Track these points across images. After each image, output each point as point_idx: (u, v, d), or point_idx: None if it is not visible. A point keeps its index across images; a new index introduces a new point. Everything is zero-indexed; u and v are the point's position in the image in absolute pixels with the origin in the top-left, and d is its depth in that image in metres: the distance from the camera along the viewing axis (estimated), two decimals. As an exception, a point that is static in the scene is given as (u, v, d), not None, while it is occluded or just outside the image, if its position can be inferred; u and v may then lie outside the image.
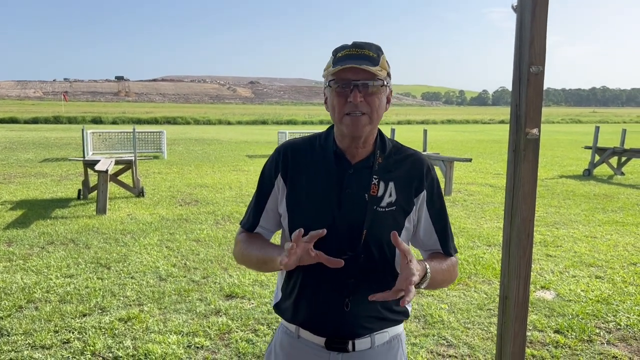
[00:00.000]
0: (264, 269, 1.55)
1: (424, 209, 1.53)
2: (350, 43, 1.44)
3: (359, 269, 1.45)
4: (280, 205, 1.55)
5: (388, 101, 1.49)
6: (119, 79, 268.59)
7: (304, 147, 1.56)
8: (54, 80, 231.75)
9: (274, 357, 1.63)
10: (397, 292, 1.28)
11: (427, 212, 1.54)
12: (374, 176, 1.47)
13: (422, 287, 1.40)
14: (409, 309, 1.61)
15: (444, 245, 1.57)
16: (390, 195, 1.48)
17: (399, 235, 1.43)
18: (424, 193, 1.52)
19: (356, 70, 1.37)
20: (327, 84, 1.43)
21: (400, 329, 1.61)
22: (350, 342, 1.50)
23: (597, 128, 13.37)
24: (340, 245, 1.42)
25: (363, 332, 1.50)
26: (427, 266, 1.40)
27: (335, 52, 1.44)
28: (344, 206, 1.45)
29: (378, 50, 1.43)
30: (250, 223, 1.60)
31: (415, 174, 1.52)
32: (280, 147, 1.58)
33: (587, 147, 14.03)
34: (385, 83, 1.42)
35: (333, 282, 1.45)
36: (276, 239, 1.64)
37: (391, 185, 1.49)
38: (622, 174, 12.91)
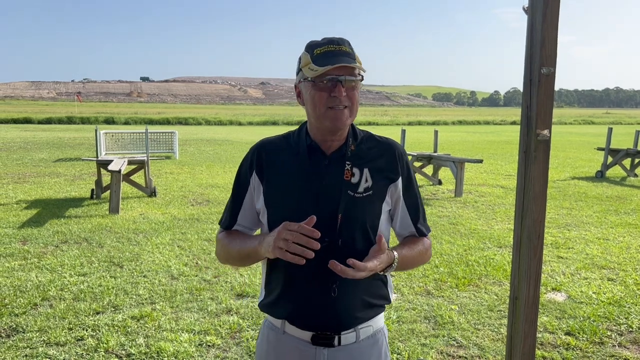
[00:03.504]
0: (247, 263, 1.60)
1: (400, 196, 1.58)
2: (320, 39, 1.49)
3: (339, 255, 1.46)
4: (257, 202, 1.58)
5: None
6: (144, 79, 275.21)
7: (277, 144, 1.60)
8: (72, 81, 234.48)
9: (262, 354, 1.65)
10: (354, 268, 1.37)
11: (403, 200, 1.59)
12: (347, 162, 1.52)
13: (385, 273, 1.49)
14: (391, 295, 1.65)
15: (418, 229, 1.63)
16: (367, 181, 1.52)
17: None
18: (400, 180, 1.57)
19: (339, 66, 1.42)
20: (308, 79, 1.46)
21: (382, 321, 1.65)
22: (336, 337, 1.53)
23: (610, 129, 13.24)
24: (320, 233, 1.44)
25: (350, 322, 1.53)
26: (395, 257, 1.48)
27: (311, 48, 1.47)
28: (321, 196, 1.49)
29: (350, 45, 1.49)
30: (228, 222, 1.64)
31: (389, 160, 1.57)
32: (254, 145, 1.62)
33: (599, 149, 13.91)
34: (362, 77, 1.49)
35: (317, 271, 1.46)
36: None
37: (366, 171, 1.53)
38: (636, 175, 12.77)
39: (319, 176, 1.51)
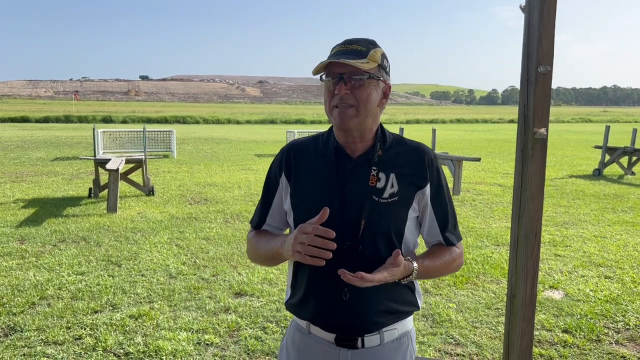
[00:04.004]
0: (273, 263, 1.59)
1: (429, 203, 1.55)
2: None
3: (358, 259, 1.45)
4: (285, 202, 1.58)
5: (385, 96, 1.51)
6: (144, 77, 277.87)
7: (307, 146, 1.59)
8: (70, 79, 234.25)
9: (285, 353, 1.66)
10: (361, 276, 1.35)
11: (431, 207, 1.55)
12: (373, 167, 1.49)
13: (403, 282, 1.48)
14: (419, 301, 1.62)
15: (446, 238, 1.59)
16: (392, 187, 1.49)
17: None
18: (428, 186, 1.53)
19: (342, 64, 1.41)
20: (320, 78, 1.48)
21: (409, 324, 1.62)
22: (359, 339, 1.52)
23: (608, 127, 13.28)
24: (341, 237, 1.42)
25: (372, 327, 1.51)
26: (414, 267, 1.46)
27: (331, 49, 1.49)
28: (346, 200, 1.47)
29: (369, 44, 1.47)
30: (257, 221, 1.65)
31: (418, 166, 1.53)
32: (284, 147, 1.62)
33: (597, 147, 13.93)
34: (373, 75, 1.44)
35: (333, 273, 1.44)
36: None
37: (392, 176, 1.50)
38: (633, 173, 12.80)
39: (344, 180, 1.49)
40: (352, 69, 1.42)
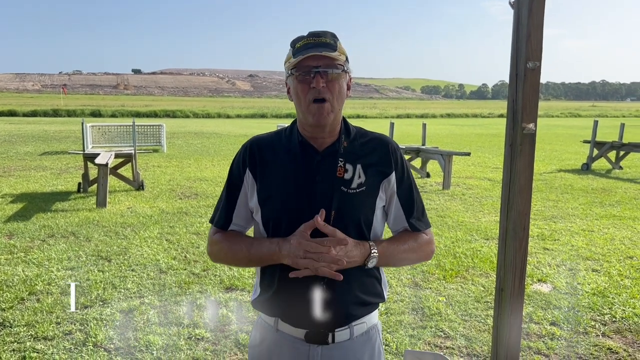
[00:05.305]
0: (255, 265, 1.58)
1: (394, 191, 1.56)
2: (306, 34, 1.48)
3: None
4: (250, 200, 1.55)
5: (348, 88, 1.52)
6: (136, 71, 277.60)
7: (270, 141, 1.58)
8: (59, 73, 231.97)
9: (254, 352, 1.64)
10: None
11: (397, 195, 1.57)
12: (340, 159, 1.50)
13: (367, 264, 1.47)
14: (385, 292, 1.63)
15: (411, 224, 1.59)
16: (360, 177, 1.50)
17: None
18: (393, 174, 1.55)
19: (317, 57, 1.41)
20: (289, 73, 1.47)
21: (376, 317, 1.64)
22: (330, 334, 1.51)
23: (596, 122, 13.38)
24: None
25: (343, 320, 1.52)
26: (371, 247, 1.47)
27: (293, 43, 1.47)
28: (314, 193, 1.47)
29: (334, 37, 1.48)
30: (223, 221, 1.59)
31: (382, 154, 1.55)
32: (246, 142, 1.60)
33: (585, 141, 14.06)
34: (345, 69, 1.46)
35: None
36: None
37: (359, 167, 1.51)
38: (621, 168, 12.93)
39: (311, 173, 1.48)
40: (326, 62, 1.42)
